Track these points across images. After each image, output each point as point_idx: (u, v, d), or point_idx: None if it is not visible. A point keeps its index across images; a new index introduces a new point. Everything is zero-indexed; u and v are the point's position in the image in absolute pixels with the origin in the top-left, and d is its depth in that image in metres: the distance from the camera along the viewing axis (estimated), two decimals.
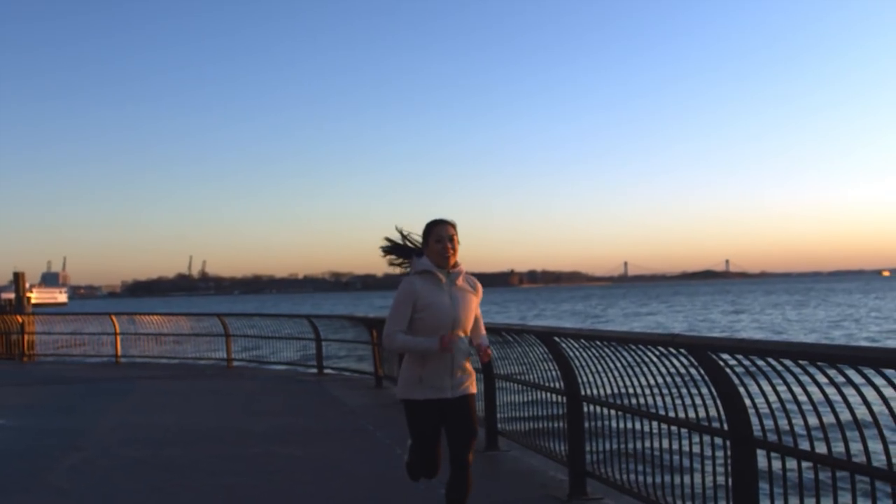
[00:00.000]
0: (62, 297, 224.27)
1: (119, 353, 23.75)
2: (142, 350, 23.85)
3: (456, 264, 5.48)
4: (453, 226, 5.51)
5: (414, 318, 5.37)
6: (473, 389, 5.59)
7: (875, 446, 4.02)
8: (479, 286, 5.68)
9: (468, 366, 5.56)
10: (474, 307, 5.56)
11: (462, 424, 5.50)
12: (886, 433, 3.97)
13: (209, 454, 9.58)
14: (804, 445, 4.49)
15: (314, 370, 19.37)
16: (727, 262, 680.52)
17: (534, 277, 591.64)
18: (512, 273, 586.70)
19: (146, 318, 24.60)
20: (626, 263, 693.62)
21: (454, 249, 5.44)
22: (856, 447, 4.20)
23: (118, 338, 23.90)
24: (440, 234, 5.43)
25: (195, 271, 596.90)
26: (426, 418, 5.50)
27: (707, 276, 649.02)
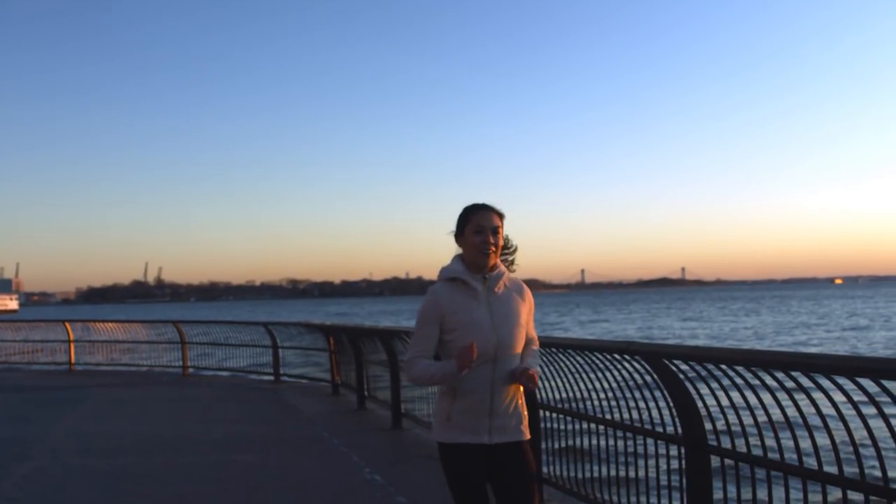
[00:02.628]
0: (13, 304, 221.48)
1: (73, 360, 23.48)
2: (96, 358, 23.59)
3: (495, 266, 4.28)
4: (499, 215, 4.29)
5: (444, 340, 4.21)
6: (524, 434, 4.26)
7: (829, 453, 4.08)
8: (528, 291, 4.42)
9: (519, 401, 4.27)
10: (524, 320, 4.30)
11: (509, 482, 4.21)
12: (837, 438, 4.03)
13: (164, 462, 9.51)
14: (757, 451, 4.55)
15: (271, 377, 19.28)
16: (683, 269, 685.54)
17: None
18: None
19: (101, 326, 24.32)
20: (583, 271, 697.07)
21: (496, 246, 4.24)
22: (809, 451, 4.26)
23: (72, 345, 23.63)
24: (481, 222, 4.23)
25: (151, 278, 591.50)
26: (460, 466, 4.21)
27: (663, 283, 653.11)
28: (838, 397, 3.98)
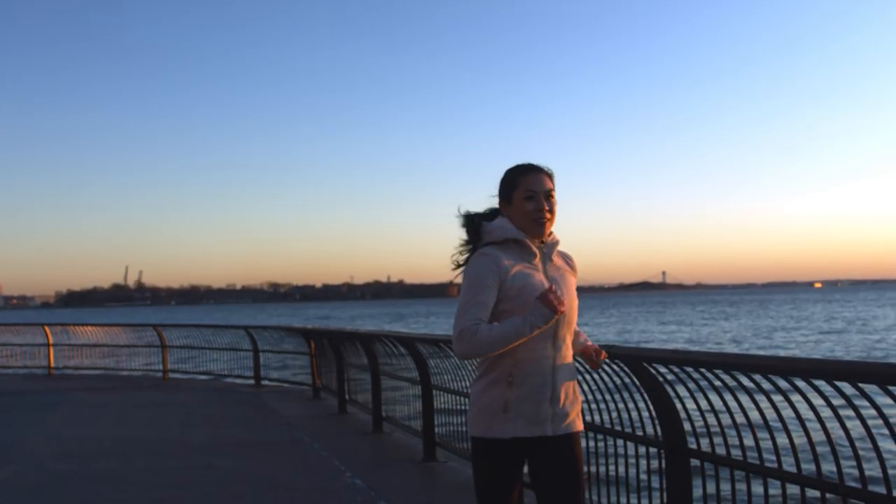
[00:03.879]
0: None
1: (52, 364, 23.36)
2: (76, 361, 23.47)
3: (551, 234, 3.79)
4: (550, 176, 3.79)
5: (498, 310, 3.62)
6: (580, 424, 3.80)
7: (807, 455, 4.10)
8: (574, 262, 3.96)
9: (575, 387, 3.80)
10: (574, 292, 3.85)
11: (565, 476, 3.71)
12: (816, 441, 4.05)
13: (144, 467, 9.46)
14: (737, 453, 4.56)
15: (252, 381, 19.24)
16: (664, 273, 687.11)
17: None
18: (451, 284, 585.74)
19: (80, 329, 24.23)
20: None
21: (552, 212, 3.73)
22: (788, 455, 4.28)
23: (51, 349, 23.51)
24: (532, 186, 3.70)
25: (131, 281, 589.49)
26: (506, 464, 3.72)
27: (644, 287, 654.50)
28: (817, 401, 4.00)
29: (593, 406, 6.07)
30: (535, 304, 3.52)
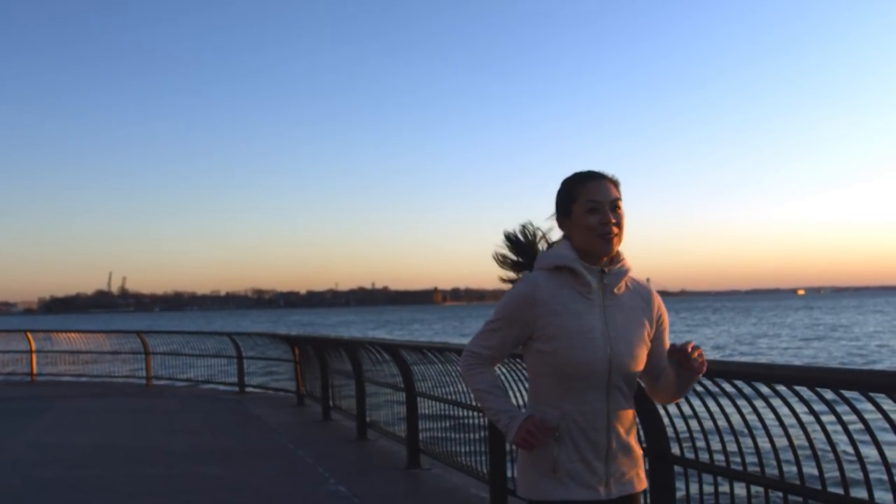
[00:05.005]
0: None
1: (34, 371, 23.25)
2: (59, 368, 23.37)
3: (618, 256, 3.20)
4: (615, 184, 3.22)
5: (536, 350, 3.14)
6: (642, 483, 3.26)
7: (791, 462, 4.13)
8: (659, 300, 3.34)
9: (633, 441, 3.24)
10: (646, 335, 3.21)
11: None
12: (798, 447, 4.08)
13: (126, 474, 9.43)
14: (720, 459, 4.58)
15: (235, 388, 19.17)
16: (647, 280, 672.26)
17: (457, 295, 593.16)
18: (435, 290, 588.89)
19: (63, 336, 24.13)
20: None
21: (619, 227, 3.15)
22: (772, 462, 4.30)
23: (34, 355, 23.40)
24: (595, 196, 3.13)
25: (115, 288, 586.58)
26: None
27: None
28: (799, 407, 4.03)
29: None
30: (519, 419, 3.12)
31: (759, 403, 4.29)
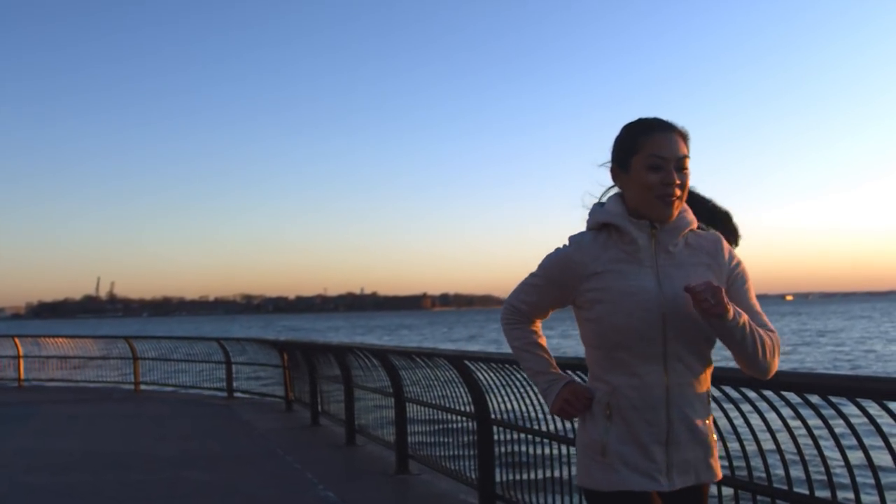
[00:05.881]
0: None
1: (22, 376, 23.17)
2: (46, 373, 23.28)
3: (681, 214, 2.79)
4: (685, 138, 2.78)
5: (582, 318, 2.84)
6: (714, 473, 2.85)
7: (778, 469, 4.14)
8: (727, 249, 2.85)
9: (708, 420, 2.82)
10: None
11: None
12: (787, 452, 4.09)
13: (114, 480, 9.40)
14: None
15: (224, 393, 19.13)
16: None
17: (446, 301, 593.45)
18: (424, 296, 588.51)
19: (51, 341, 24.05)
20: None
21: (683, 186, 2.74)
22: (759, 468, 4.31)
23: (21, 361, 23.33)
24: (660, 149, 2.72)
25: (103, 293, 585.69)
26: None
27: None
28: (787, 412, 4.04)
29: (567, 422, 6.08)
30: (559, 384, 2.89)
31: (745, 408, 4.30)
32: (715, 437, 2.84)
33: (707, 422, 2.79)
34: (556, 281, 2.87)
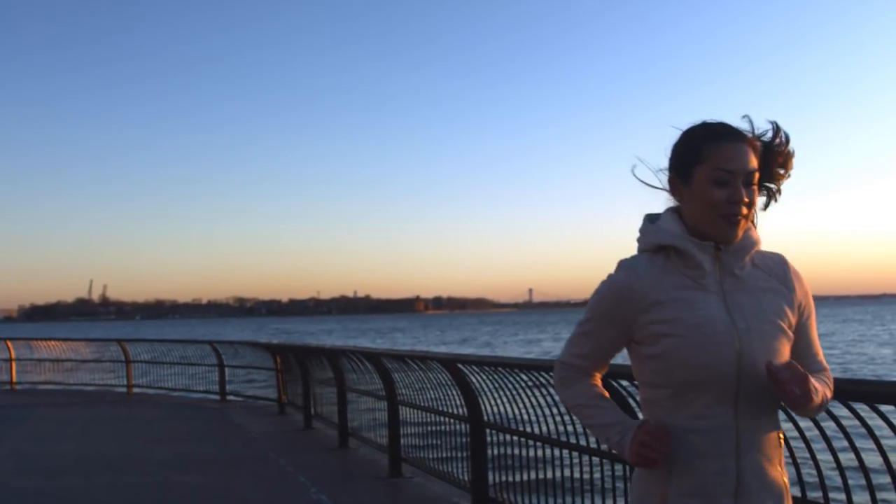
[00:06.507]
0: None
1: (14, 379, 23.12)
2: (39, 376, 23.26)
3: (746, 233, 2.42)
4: (755, 149, 2.41)
5: (642, 355, 2.45)
6: None
7: None
8: (797, 274, 2.51)
9: (776, 470, 2.42)
10: (786, 325, 2.43)
11: None
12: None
13: (107, 483, 9.39)
14: None
15: (217, 397, 19.12)
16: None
17: (439, 304, 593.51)
18: (417, 299, 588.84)
19: (43, 344, 24.02)
20: (530, 290, 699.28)
21: (750, 206, 2.38)
22: None
23: (13, 364, 23.28)
24: (727, 162, 2.35)
25: (95, 296, 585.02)
26: None
27: None
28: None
29: (557, 419, 6.11)
30: (632, 431, 2.40)
31: None
32: (786, 479, 2.45)
33: (780, 466, 2.43)
34: (613, 317, 2.46)
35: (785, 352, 2.39)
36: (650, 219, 2.54)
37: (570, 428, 5.96)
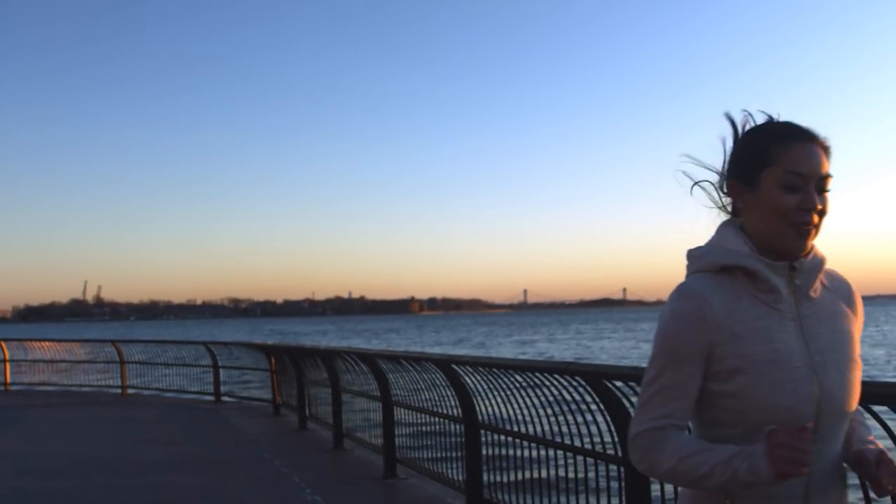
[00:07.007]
0: None
1: (8, 380, 23.08)
2: (33, 377, 23.22)
3: (814, 248, 2.16)
4: (827, 152, 2.13)
5: (712, 391, 2.09)
6: None
7: None
8: (858, 295, 2.27)
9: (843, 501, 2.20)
10: (857, 353, 2.18)
11: None
12: None
13: (102, 484, 9.39)
14: None
15: (211, 398, 19.11)
16: (624, 290, 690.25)
17: (434, 305, 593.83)
18: (412, 300, 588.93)
19: (38, 345, 23.98)
20: (525, 291, 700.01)
21: (824, 212, 2.11)
22: None
23: (7, 365, 23.24)
24: (799, 165, 2.08)
25: (90, 296, 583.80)
26: None
27: (605, 304, 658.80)
28: None
29: (552, 419, 6.12)
30: (760, 441, 1.97)
31: None
32: None
33: (841, 498, 2.18)
34: (689, 353, 2.08)
35: (858, 385, 2.15)
36: (723, 234, 2.22)
37: (564, 429, 5.97)
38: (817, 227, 2.10)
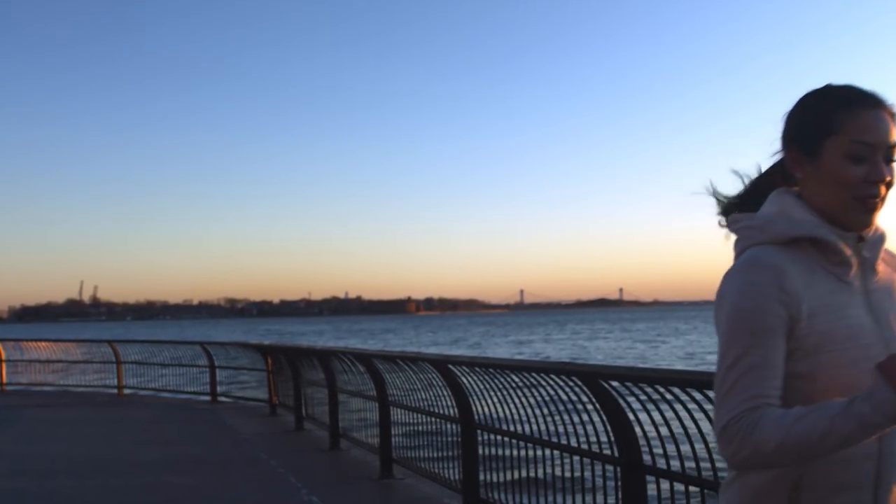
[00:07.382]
0: None
1: (4, 380, 23.05)
2: (29, 377, 23.20)
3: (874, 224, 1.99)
4: (892, 114, 1.95)
5: (794, 371, 1.89)
6: None
7: None
8: None
9: None
10: None
11: None
12: None
13: (98, 484, 9.38)
14: (691, 467, 4.61)
15: (207, 398, 19.10)
16: (621, 290, 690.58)
17: (430, 305, 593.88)
18: (409, 300, 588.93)
19: (34, 345, 23.96)
20: (521, 291, 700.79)
21: (891, 184, 1.94)
22: None
23: (3, 365, 23.21)
24: (867, 135, 1.91)
25: (86, 296, 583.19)
26: None
27: (601, 304, 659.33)
28: None
29: (549, 419, 6.12)
30: (873, 379, 1.76)
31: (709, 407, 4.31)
32: None
33: None
34: (775, 326, 1.89)
35: None
36: (782, 201, 2.03)
37: (560, 428, 5.97)
38: (884, 199, 1.95)
